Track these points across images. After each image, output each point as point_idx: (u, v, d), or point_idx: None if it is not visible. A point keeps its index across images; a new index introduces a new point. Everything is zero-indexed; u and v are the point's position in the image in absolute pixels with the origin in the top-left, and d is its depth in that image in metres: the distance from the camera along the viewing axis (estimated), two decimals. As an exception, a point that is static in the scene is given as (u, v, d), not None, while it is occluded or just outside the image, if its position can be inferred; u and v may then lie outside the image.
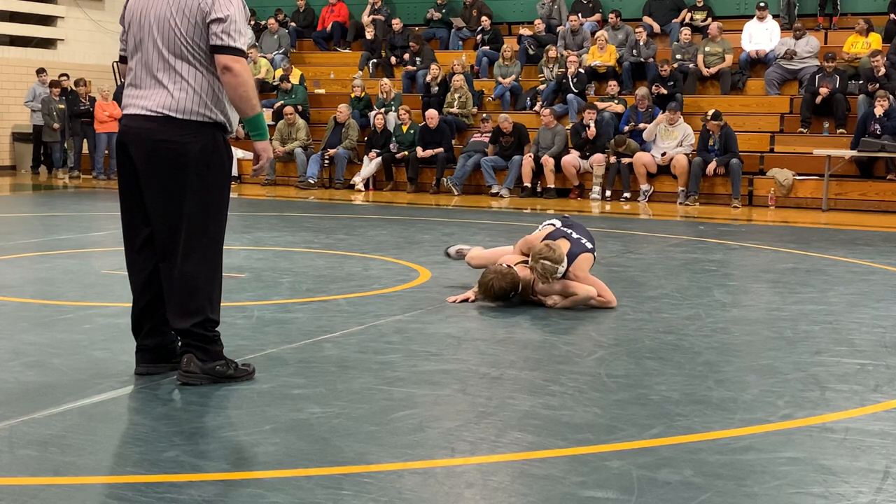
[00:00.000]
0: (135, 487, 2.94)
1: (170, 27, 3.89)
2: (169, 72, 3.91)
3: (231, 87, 3.88)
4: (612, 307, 5.88)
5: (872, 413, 3.84)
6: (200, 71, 3.92)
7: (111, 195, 14.49)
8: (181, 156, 3.90)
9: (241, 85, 3.87)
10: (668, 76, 15.12)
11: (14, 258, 7.61)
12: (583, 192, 14.30)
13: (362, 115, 16.45)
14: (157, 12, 3.92)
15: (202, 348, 4.03)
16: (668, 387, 4.15)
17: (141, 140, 3.95)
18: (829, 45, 15.74)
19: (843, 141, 13.83)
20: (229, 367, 4.10)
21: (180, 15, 3.88)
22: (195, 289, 3.98)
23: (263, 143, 4.07)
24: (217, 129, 3.99)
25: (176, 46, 3.90)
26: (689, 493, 2.95)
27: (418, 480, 3.04)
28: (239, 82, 3.86)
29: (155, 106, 3.92)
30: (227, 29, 3.85)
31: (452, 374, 4.28)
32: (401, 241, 9.00)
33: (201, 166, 3.93)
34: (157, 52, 3.92)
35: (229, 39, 3.86)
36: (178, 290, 3.98)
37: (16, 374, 4.18)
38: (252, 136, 4.05)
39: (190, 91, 3.90)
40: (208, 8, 3.86)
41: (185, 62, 3.90)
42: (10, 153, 18.73)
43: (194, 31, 3.88)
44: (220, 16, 3.85)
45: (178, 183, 3.92)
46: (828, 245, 9.33)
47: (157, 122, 3.91)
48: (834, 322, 5.61)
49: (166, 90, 3.91)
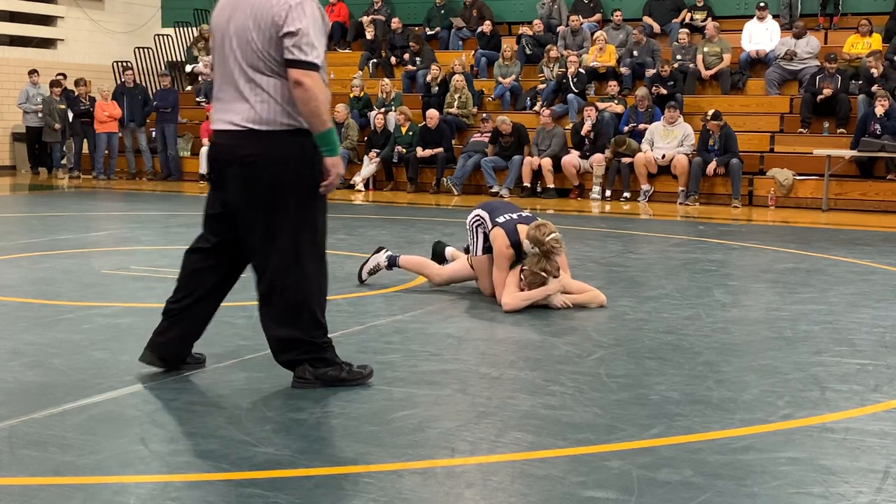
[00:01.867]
0: (135, 488, 2.94)
1: (247, 40, 3.86)
2: (249, 84, 3.88)
3: (302, 102, 3.81)
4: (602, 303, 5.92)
5: (872, 413, 3.84)
6: (280, 82, 3.86)
7: (111, 195, 14.49)
8: (269, 167, 3.87)
9: (312, 100, 3.79)
10: (668, 76, 15.13)
11: (14, 258, 7.61)
12: (583, 192, 14.30)
13: (362, 115, 16.45)
14: (236, 25, 3.90)
15: (314, 358, 4.02)
16: (668, 387, 4.15)
17: (228, 155, 3.95)
18: (830, 45, 15.74)
19: (843, 141, 13.83)
20: (342, 371, 4.08)
21: (256, 28, 3.84)
22: (299, 301, 3.96)
23: (334, 158, 3.93)
24: (304, 135, 3.91)
25: (254, 59, 3.86)
26: (689, 493, 2.95)
27: (418, 480, 3.04)
28: (309, 97, 3.79)
29: (239, 120, 3.90)
30: (299, 42, 3.79)
31: (452, 374, 4.28)
32: (401, 241, 9.00)
33: (290, 175, 3.89)
34: (237, 64, 3.90)
35: (300, 53, 3.79)
36: (280, 304, 3.98)
37: (16, 374, 4.18)
38: (323, 152, 3.92)
39: (271, 102, 3.86)
40: (281, 21, 3.80)
41: (264, 74, 3.86)
42: (10, 153, 18.73)
43: (269, 43, 3.83)
44: (291, 29, 3.79)
45: (270, 195, 3.89)
46: (828, 245, 9.33)
47: (241, 136, 3.89)
48: (834, 322, 5.61)
49: (248, 103, 3.87)
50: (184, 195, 14.52)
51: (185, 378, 4.17)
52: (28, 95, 17.44)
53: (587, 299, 5.90)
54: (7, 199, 14.05)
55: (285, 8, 3.80)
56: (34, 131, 17.59)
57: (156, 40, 20.30)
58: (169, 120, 16.88)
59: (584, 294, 5.93)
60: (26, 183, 16.48)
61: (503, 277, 5.86)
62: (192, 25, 20.21)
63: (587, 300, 5.90)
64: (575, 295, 5.90)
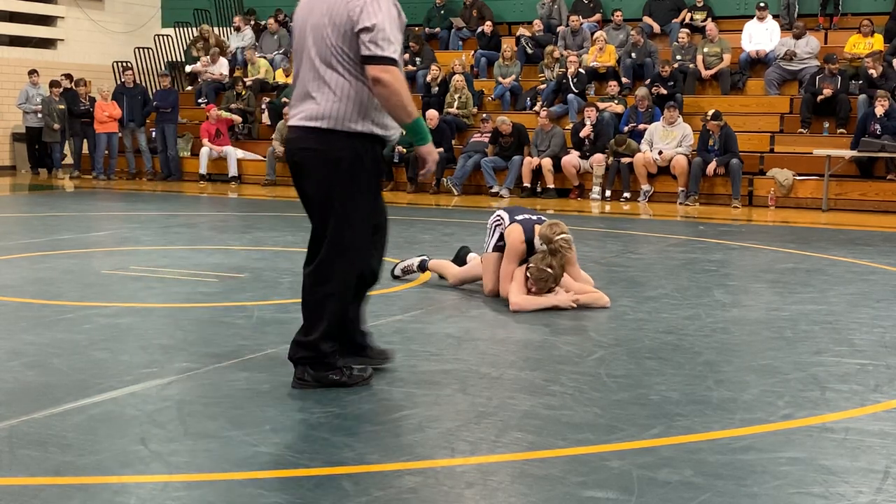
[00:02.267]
0: (135, 488, 2.94)
1: (322, 36, 3.87)
2: (319, 82, 3.89)
3: (383, 98, 3.81)
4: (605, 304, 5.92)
5: (872, 413, 3.84)
6: (349, 81, 3.85)
7: (111, 195, 14.49)
8: (326, 166, 3.90)
9: (393, 94, 3.79)
10: (669, 76, 15.13)
11: (14, 258, 7.61)
12: (583, 193, 14.30)
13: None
14: (313, 22, 3.92)
15: (315, 361, 4.03)
16: (668, 387, 4.15)
17: (296, 150, 4.00)
18: (830, 45, 15.74)
19: (843, 141, 13.83)
20: (343, 375, 4.08)
21: (331, 25, 3.84)
22: (319, 302, 4.00)
23: (426, 146, 3.97)
24: (365, 140, 3.92)
25: (327, 56, 3.87)
26: (689, 493, 2.95)
27: (418, 480, 3.04)
28: (390, 92, 3.78)
29: (306, 117, 3.93)
30: (375, 38, 3.77)
31: (452, 374, 4.28)
32: (401, 241, 8.99)
33: (345, 178, 3.91)
34: (310, 62, 3.92)
35: (377, 49, 3.77)
36: (305, 301, 4.04)
37: (16, 374, 4.18)
38: (415, 142, 3.96)
39: (337, 102, 3.87)
40: (356, 17, 3.79)
41: (335, 72, 3.86)
42: (10, 153, 18.73)
43: (344, 40, 3.83)
44: (367, 24, 3.77)
45: (325, 193, 3.93)
46: (828, 245, 9.33)
47: (306, 132, 3.92)
48: (834, 322, 5.61)
49: (315, 101, 3.90)
50: (184, 195, 14.52)
51: (185, 378, 4.17)
52: (28, 95, 17.43)
53: (590, 300, 5.91)
54: (7, 199, 14.05)
55: (360, 3, 3.79)
56: (34, 131, 17.59)
57: (156, 40, 20.30)
58: (169, 120, 16.88)
59: (588, 294, 5.93)
60: (26, 183, 16.48)
61: (511, 269, 5.92)
62: (192, 25, 20.21)
63: (590, 301, 5.90)
64: (580, 295, 5.91)
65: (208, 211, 12.62)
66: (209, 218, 11.46)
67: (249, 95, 17.44)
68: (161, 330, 5.14)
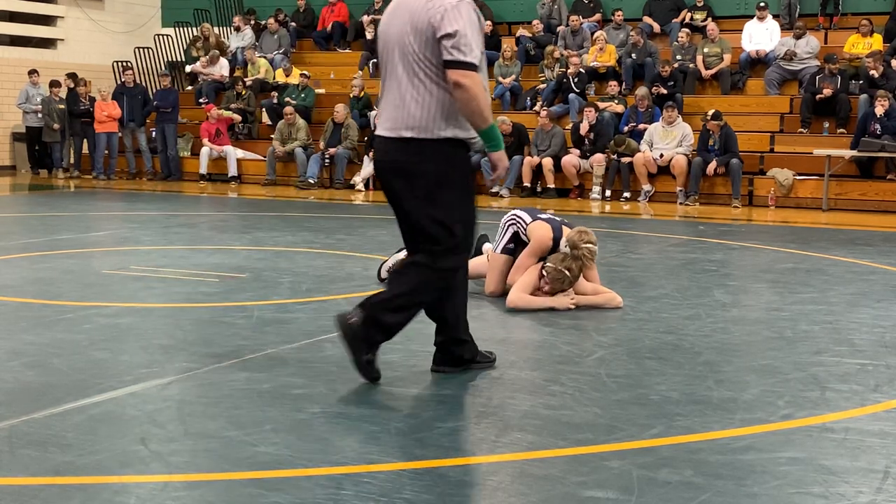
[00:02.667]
0: (135, 487, 2.94)
1: (405, 44, 3.92)
2: (405, 91, 3.94)
3: (462, 103, 3.86)
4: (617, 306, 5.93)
5: (872, 413, 3.84)
6: (434, 88, 3.91)
7: (111, 195, 14.50)
8: (417, 174, 3.96)
9: (473, 99, 3.84)
10: (669, 76, 15.13)
11: (14, 258, 7.61)
12: (583, 192, 14.30)
13: (362, 115, 16.45)
14: (397, 31, 3.97)
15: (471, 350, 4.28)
16: (668, 387, 4.15)
17: (384, 160, 4.05)
18: (830, 45, 15.74)
19: (843, 141, 13.83)
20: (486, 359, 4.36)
21: (414, 32, 3.90)
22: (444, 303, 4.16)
23: (499, 153, 4.03)
24: (452, 145, 3.97)
25: (411, 64, 3.92)
26: (689, 493, 2.95)
27: (418, 480, 3.04)
28: (470, 97, 3.83)
29: (393, 126, 3.98)
30: (457, 43, 3.82)
31: (452, 375, 4.28)
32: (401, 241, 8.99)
33: (435, 183, 3.97)
34: (394, 70, 3.97)
35: (459, 54, 3.83)
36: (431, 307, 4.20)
37: (16, 374, 4.18)
38: (487, 148, 4.03)
39: (423, 110, 3.92)
40: (438, 23, 3.84)
41: (419, 80, 3.92)
42: (10, 153, 18.73)
43: (426, 47, 3.88)
44: (449, 31, 3.82)
45: (422, 202, 3.99)
46: (828, 245, 9.33)
47: (394, 142, 3.98)
48: (834, 322, 5.61)
49: (401, 110, 3.95)
50: (184, 195, 14.52)
51: (185, 378, 4.18)
52: (28, 95, 17.43)
53: (603, 300, 5.90)
54: (7, 199, 14.05)
55: (440, 10, 3.85)
56: (34, 131, 17.59)
57: (156, 40, 20.30)
58: (169, 120, 16.88)
59: (600, 296, 5.92)
60: (26, 183, 16.48)
61: (529, 263, 5.93)
62: (191, 25, 20.21)
63: (603, 301, 5.90)
64: (590, 296, 5.90)
65: (208, 211, 12.62)
66: (209, 218, 11.46)
67: (249, 95, 17.44)
68: (161, 330, 5.14)
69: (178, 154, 17.20)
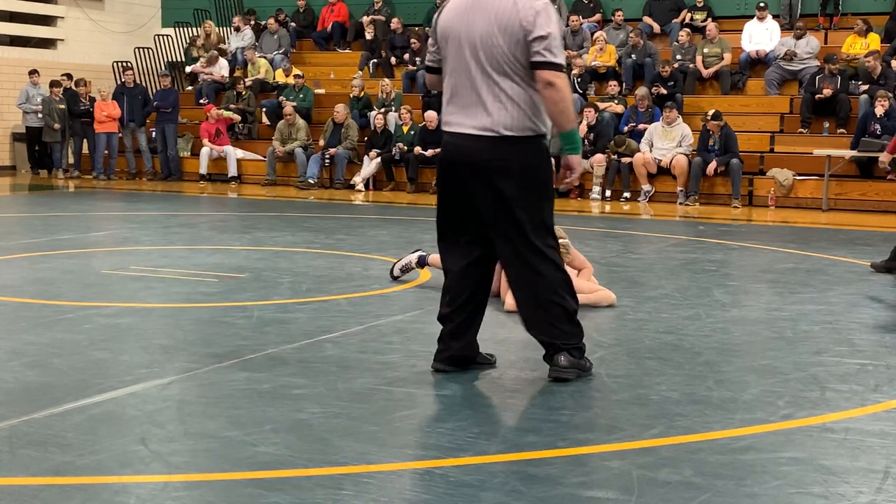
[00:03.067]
0: (135, 487, 2.94)
1: (493, 45, 3.97)
2: (494, 89, 4.00)
3: (553, 102, 3.96)
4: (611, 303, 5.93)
5: (872, 413, 3.84)
6: (523, 87, 4.00)
7: (111, 195, 14.49)
8: (514, 170, 4.01)
9: (563, 100, 3.95)
10: (669, 76, 15.13)
11: (14, 258, 7.61)
12: (583, 192, 14.30)
13: (362, 115, 16.45)
14: (480, 30, 4.00)
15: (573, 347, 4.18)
16: (668, 387, 4.15)
17: (470, 159, 4.05)
18: (830, 45, 15.74)
19: (843, 141, 13.83)
20: (590, 364, 4.32)
21: (503, 33, 3.96)
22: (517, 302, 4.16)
23: (577, 156, 4.13)
24: (538, 142, 4.09)
25: (499, 64, 3.98)
26: (689, 493, 2.95)
27: (418, 480, 3.04)
28: (561, 97, 3.95)
29: (483, 124, 4.01)
30: (550, 46, 3.94)
31: (452, 375, 4.28)
32: (401, 241, 9.00)
33: (532, 178, 4.04)
34: (480, 70, 4.01)
35: (552, 56, 3.94)
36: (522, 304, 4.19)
37: (16, 374, 4.18)
38: (566, 150, 4.10)
39: (516, 107, 3.99)
40: (530, 26, 3.94)
41: (509, 79, 3.99)
42: (10, 153, 18.73)
43: (516, 48, 3.96)
44: (542, 33, 3.93)
45: (514, 196, 4.03)
46: (828, 245, 9.33)
47: (485, 140, 4.01)
48: (834, 322, 5.61)
49: (493, 108, 4.00)
50: (184, 195, 14.52)
51: (185, 378, 4.18)
52: (28, 95, 17.43)
53: (596, 299, 5.92)
54: (7, 199, 14.05)
55: (532, 13, 3.94)
56: (34, 131, 17.58)
57: (156, 40, 20.30)
58: (169, 120, 16.88)
59: (594, 294, 5.94)
60: (26, 183, 16.48)
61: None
62: (192, 25, 20.21)
63: (596, 300, 5.91)
64: (585, 295, 5.91)
65: (208, 211, 12.62)
66: (209, 218, 11.46)
67: (249, 95, 17.44)
68: (161, 330, 5.14)
69: (178, 154, 17.20)
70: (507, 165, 4.01)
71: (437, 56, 4.24)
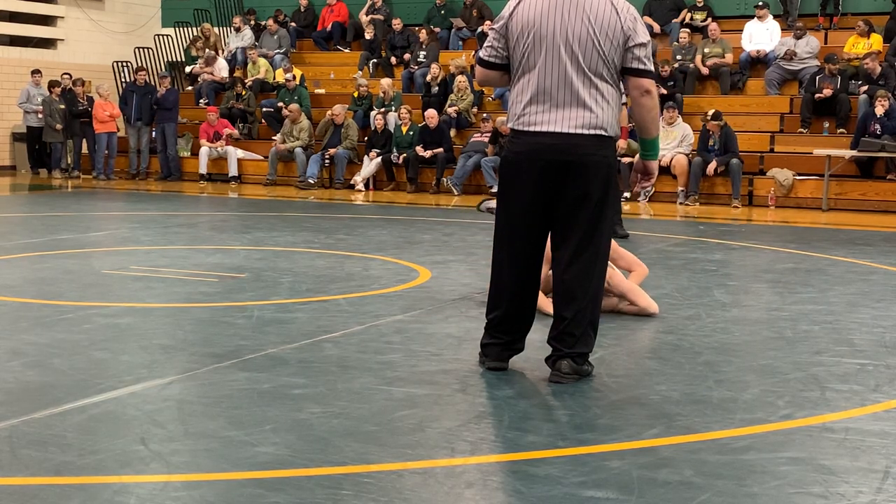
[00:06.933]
0: (135, 487, 2.94)
1: (592, 47, 4.03)
2: (592, 89, 4.06)
3: (647, 109, 4.11)
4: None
5: (872, 413, 3.83)
6: (613, 88, 4.11)
7: (111, 195, 14.49)
8: (604, 169, 4.12)
9: (656, 107, 4.12)
10: (669, 76, 15.13)
11: (14, 258, 7.61)
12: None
13: (365, 114, 16.45)
14: (575, 31, 4.04)
15: (576, 355, 4.19)
16: (668, 387, 4.15)
17: (566, 156, 4.07)
18: (830, 45, 15.74)
19: (843, 141, 13.83)
20: (592, 367, 4.31)
21: (603, 36, 4.03)
22: (571, 298, 4.16)
23: (655, 162, 4.34)
24: (615, 142, 4.20)
25: (598, 65, 4.05)
26: (689, 493, 2.95)
27: (418, 480, 3.04)
28: (654, 104, 4.10)
29: (582, 123, 4.06)
30: (648, 54, 4.09)
31: (452, 374, 4.28)
32: (401, 241, 9.00)
33: (610, 179, 4.15)
34: (577, 70, 4.05)
35: (650, 64, 4.10)
36: (559, 297, 4.22)
37: (16, 374, 4.18)
38: (646, 156, 4.31)
39: (609, 109, 4.10)
40: (631, 32, 4.04)
41: (604, 81, 4.07)
42: (10, 153, 18.73)
43: (615, 52, 4.05)
44: (642, 41, 4.06)
45: (601, 195, 4.11)
46: (828, 245, 9.33)
47: (583, 138, 4.07)
48: (834, 322, 5.61)
49: (591, 108, 4.06)
50: (184, 195, 14.52)
51: (185, 378, 4.17)
52: (29, 95, 17.43)
53: (636, 305, 5.74)
54: (7, 199, 14.05)
55: (631, 20, 4.06)
56: (34, 131, 17.59)
57: (156, 40, 20.30)
58: (169, 120, 16.88)
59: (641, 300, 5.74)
60: (26, 183, 16.48)
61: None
62: (191, 25, 20.21)
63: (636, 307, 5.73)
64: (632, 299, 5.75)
65: (208, 211, 12.62)
66: (209, 218, 11.46)
67: (249, 96, 17.44)
68: (161, 330, 5.14)
69: (178, 154, 17.19)
70: (603, 162, 4.10)
71: (502, 52, 4.19)
